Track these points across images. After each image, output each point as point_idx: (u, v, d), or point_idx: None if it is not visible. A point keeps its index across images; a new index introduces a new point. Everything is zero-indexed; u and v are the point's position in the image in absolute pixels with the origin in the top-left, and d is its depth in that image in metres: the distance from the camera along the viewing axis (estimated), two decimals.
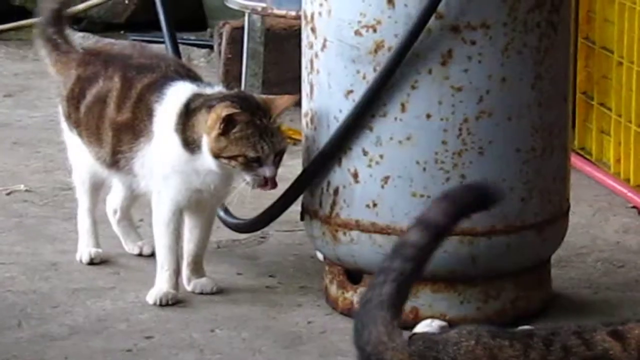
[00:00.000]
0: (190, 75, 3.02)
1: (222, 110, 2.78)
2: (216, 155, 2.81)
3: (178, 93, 2.89)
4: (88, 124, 3.04)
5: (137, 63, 3.04)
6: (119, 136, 2.96)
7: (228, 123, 2.79)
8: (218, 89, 2.97)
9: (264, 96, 3.01)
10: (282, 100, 2.91)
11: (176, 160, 2.92)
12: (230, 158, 2.80)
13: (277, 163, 2.85)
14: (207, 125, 2.81)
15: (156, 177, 2.96)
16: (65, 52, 3.18)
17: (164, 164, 2.94)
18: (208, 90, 2.90)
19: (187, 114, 2.85)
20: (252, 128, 2.80)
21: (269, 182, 2.82)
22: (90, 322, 2.87)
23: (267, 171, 2.80)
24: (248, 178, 2.81)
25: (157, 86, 2.92)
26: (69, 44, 3.23)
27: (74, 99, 3.06)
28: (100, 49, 3.41)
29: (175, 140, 2.88)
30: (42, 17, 3.29)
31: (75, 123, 3.08)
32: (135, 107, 2.93)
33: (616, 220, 3.70)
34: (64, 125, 3.17)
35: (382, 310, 2.16)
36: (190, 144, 2.85)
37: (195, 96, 2.86)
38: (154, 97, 2.90)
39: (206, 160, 2.84)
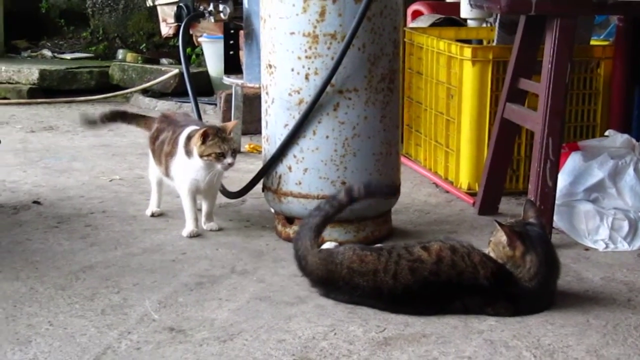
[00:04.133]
0: (197, 123, 3.57)
1: (201, 130, 3.33)
2: (201, 156, 3.35)
3: (186, 131, 3.45)
4: (157, 153, 3.60)
5: (180, 123, 3.56)
6: (167, 158, 3.52)
7: (205, 137, 3.32)
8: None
9: (222, 124, 3.53)
10: (231, 124, 3.46)
11: (183, 164, 3.44)
12: (208, 156, 3.33)
13: (234, 155, 3.35)
14: (195, 140, 3.35)
15: (177, 175, 3.49)
16: (147, 120, 3.83)
17: (179, 167, 3.47)
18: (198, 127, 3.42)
19: (188, 138, 3.41)
20: (216, 138, 3.33)
21: (230, 166, 3.35)
22: (153, 246, 3.38)
23: (228, 160, 3.34)
24: (219, 165, 3.33)
25: (181, 130, 3.47)
26: (145, 116, 3.89)
27: (153, 139, 3.65)
28: (168, 115, 3.78)
29: (182, 153, 3.43)
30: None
31: (152, 151, 3.66)
32: (174, 143, 3.48)
33: (424, 190, 4.31)
34: (148, 151, 3.72)
35: (310, 231, 2.87)
36: (188, 153, 3.40)
37: (193, 131, 3.41)
38: (179, 135, 3.46)
39: (196, 160, 3.37)
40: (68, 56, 8.08)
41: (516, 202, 4.03)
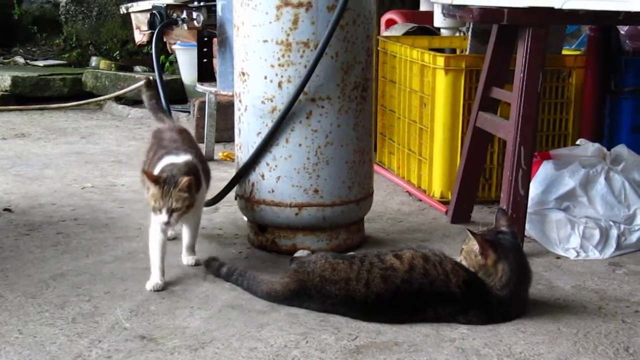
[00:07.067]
0: (179, 149, 3.14)
1: (151, 176, 2.95)
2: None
3: (163, 162, 3.06)
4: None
5: (167, 149, 3.17)
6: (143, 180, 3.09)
7: (151, 183, 2.93)
8: (184, 159, 3.06)
9: (184, 177, 2.93)
10: (183, 180, 2.91)
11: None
12: (148, 203, 2.98)
13: (171, 215, 2.92)
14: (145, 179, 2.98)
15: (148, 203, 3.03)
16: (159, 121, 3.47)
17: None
18: (176, 160, 3.05)
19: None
20: (160, 190, 2.92)
21: (166, 225, 2.96)
22: (125, 253, 3.36)
23: (163, 218, 2.93)
24: (154, 217, 2.97)
25: (161, 156, 3.10)
26: (160, 118, 3.48)
27: (148, 152, 3.30)
28: (159, 130, 3.38)
29: None
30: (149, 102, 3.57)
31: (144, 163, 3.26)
32: (153, 168, 3.10)
33: (397, 198, 4.33)
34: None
35: (250, 275, 2.94)
36: None
37: (166, 165, 3.03)
38: (157, 162, 3.09)
39: None
40: (41, 63, 8.04)
41: (488, 211, 4.05)
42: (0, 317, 2.74)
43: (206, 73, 4.89)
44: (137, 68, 7.81)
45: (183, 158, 3.08)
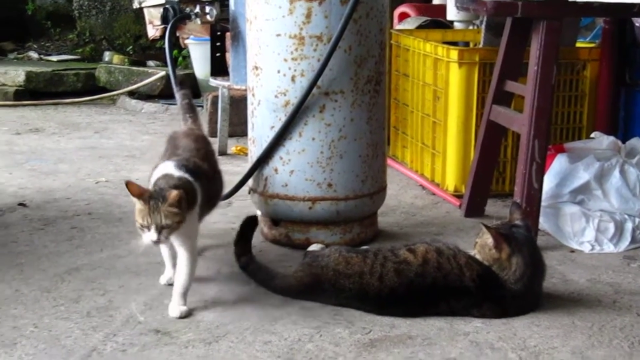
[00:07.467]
0: (183, 162, 2.83)
1: (137, 189, 2.66)
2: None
3: (159, 170, 2.80)
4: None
5: (169, 152, 3.00)
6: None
7: (137, 197, 2.64)
8: (178, 174, 2.75)
9: (172, 191, 2.62)
10: (172, 195, 2.61)
11: None
12: (135, 220, 2.67)
13: (161, 232, 2.63)
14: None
15: None
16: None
17: None
18: (174, 173, 2.75)
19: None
20: (146, 206, 2.62)
21: (155, 243, 2.66)
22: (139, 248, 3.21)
23: (152, 236, 2.63)
24: (143, 235, 2.66)
25: (158, 163, 2.88)
26: (186, 119, 3.27)
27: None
28: (174, 135, 3.14)
29: None
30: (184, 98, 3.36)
31: None
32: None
33: (411, 192, 4.33)
34: None
35: (264, 270, 2.91)
36: None
37: (159, 178, 2.75)
38: (155, 168, 2.86)
39: None
40: (54, 58, 8.07)
41: (502, 204, 4.04)
42: (16, 311, 2.76)
43: (219, 67, 4.90)
44: (150, 63, 7.83)
45: (180, 174, 2.78)
